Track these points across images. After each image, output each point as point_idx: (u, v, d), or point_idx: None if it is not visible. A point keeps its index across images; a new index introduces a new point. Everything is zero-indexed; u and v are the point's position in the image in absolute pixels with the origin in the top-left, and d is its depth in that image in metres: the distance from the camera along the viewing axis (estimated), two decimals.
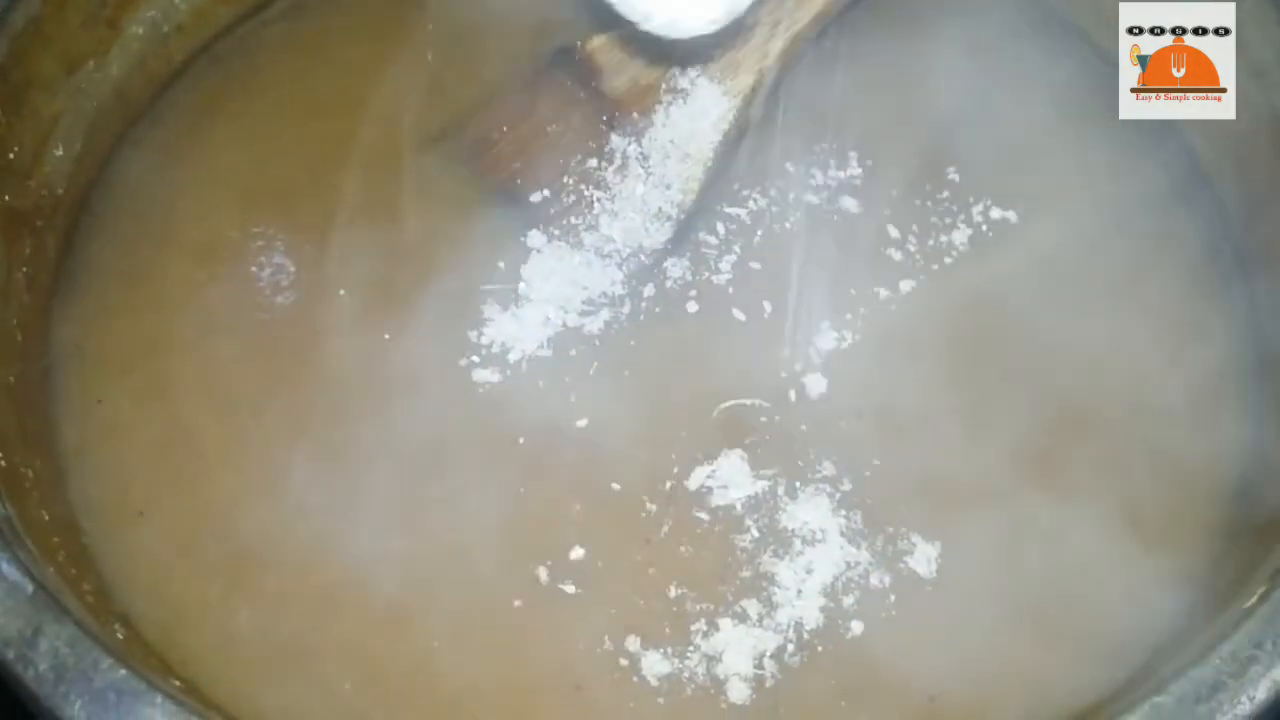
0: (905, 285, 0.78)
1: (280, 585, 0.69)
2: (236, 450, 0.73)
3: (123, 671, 0.54)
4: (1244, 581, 0.62)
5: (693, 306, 0.78)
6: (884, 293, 0.78)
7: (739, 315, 0.77)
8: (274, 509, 0.71)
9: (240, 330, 0.77)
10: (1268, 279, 0.77)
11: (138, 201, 0.82)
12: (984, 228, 0.80)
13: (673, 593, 0.69)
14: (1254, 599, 0.59)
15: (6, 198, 0.75)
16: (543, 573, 0.69)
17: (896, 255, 0.79)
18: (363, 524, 0.71)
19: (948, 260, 0.79)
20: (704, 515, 0.71)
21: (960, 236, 0.80)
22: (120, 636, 0.62)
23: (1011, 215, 0.81)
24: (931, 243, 0.80)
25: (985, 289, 0.78)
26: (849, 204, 0.81)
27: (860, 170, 0.83)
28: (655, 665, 0.67)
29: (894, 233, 0.80)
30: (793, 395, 0.74)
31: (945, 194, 0.82)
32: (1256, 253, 0.78)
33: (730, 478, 0.72)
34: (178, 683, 0.61)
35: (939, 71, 0.84)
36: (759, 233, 0.81)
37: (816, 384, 0.75)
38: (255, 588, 0.69)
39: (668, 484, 0.72)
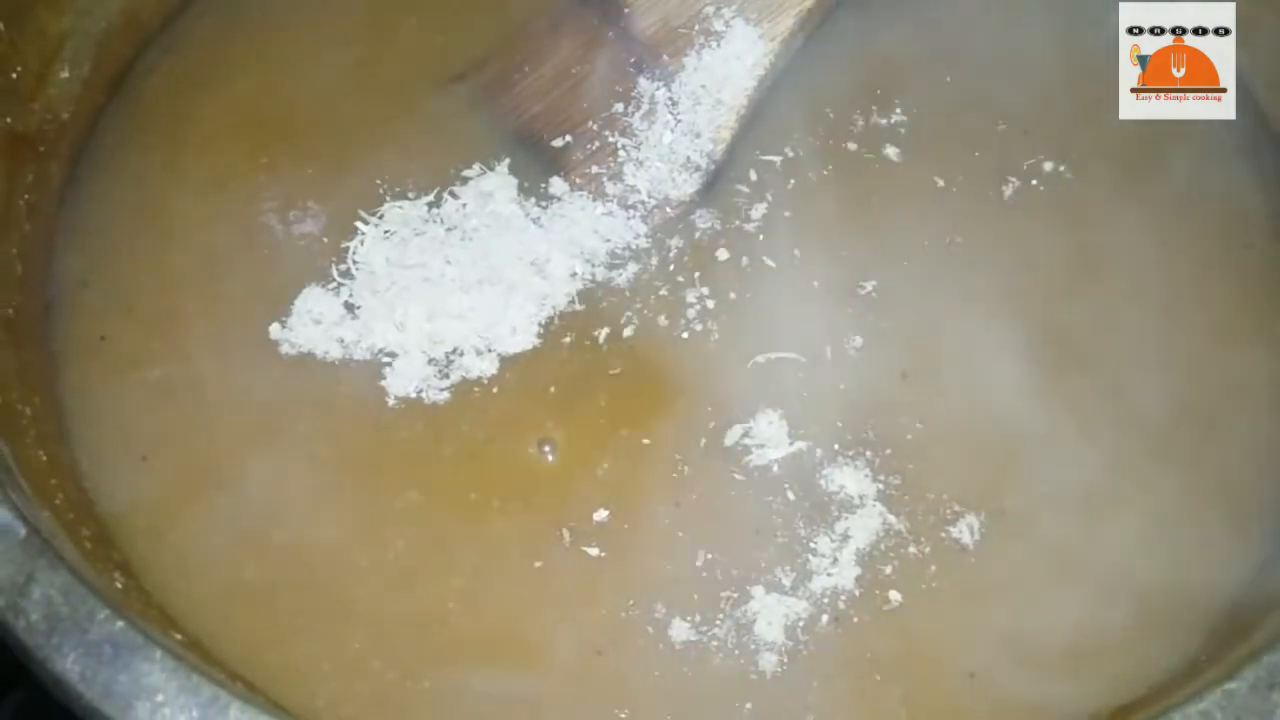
0: (951, 238, 0.75)
1: (289, 538, 0.66)
2: (246, 393, 0.70)
3: (120, 624, 0.51)
4: None
5: (723, 254, 0.75)
6: (928, 245, 0.75)
7: (769, 262, 0.74)
8: (285, 457, 0.68)
9: (250, 266, 0.74)
10: None
11: (147, 130, 0.79)
12: (1034, 181, 0.77)
13: (701, 559, 0.66)
14: None
15: (9, 119, 0.72)
16: (565, 534, 0.66)
17: (942, 206, 0.76)
18: (379, 477, 0.68)
19: (996, 213, 0.76)
20: (739, 476, 0.68)
21: (1009, 189, 0.77)
22: (119, 586, 0.59)
23: (1064, 169, 0.77)
24: (979, 194, 0.76)
25: (1035, 244, 0.75)
26: (891, 152, 0.78)
27: (905, 118, 0.79)
28: (682, 632, 0.64)
29: (939, 182, 0.77)
30: (829, 352, 0.71)
31: (994, 145, 0.78)
32: None
33: (767, 436, 0.69)
34: (179, 636, 0.59)
35: (991, 19, 0.81)
36: (792, 180, 0.77)
37: (855, 340, 0.72)
38: (263, 540, 0.66)
39: (702, 441, 0.69)
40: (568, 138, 0.77)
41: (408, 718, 0.63)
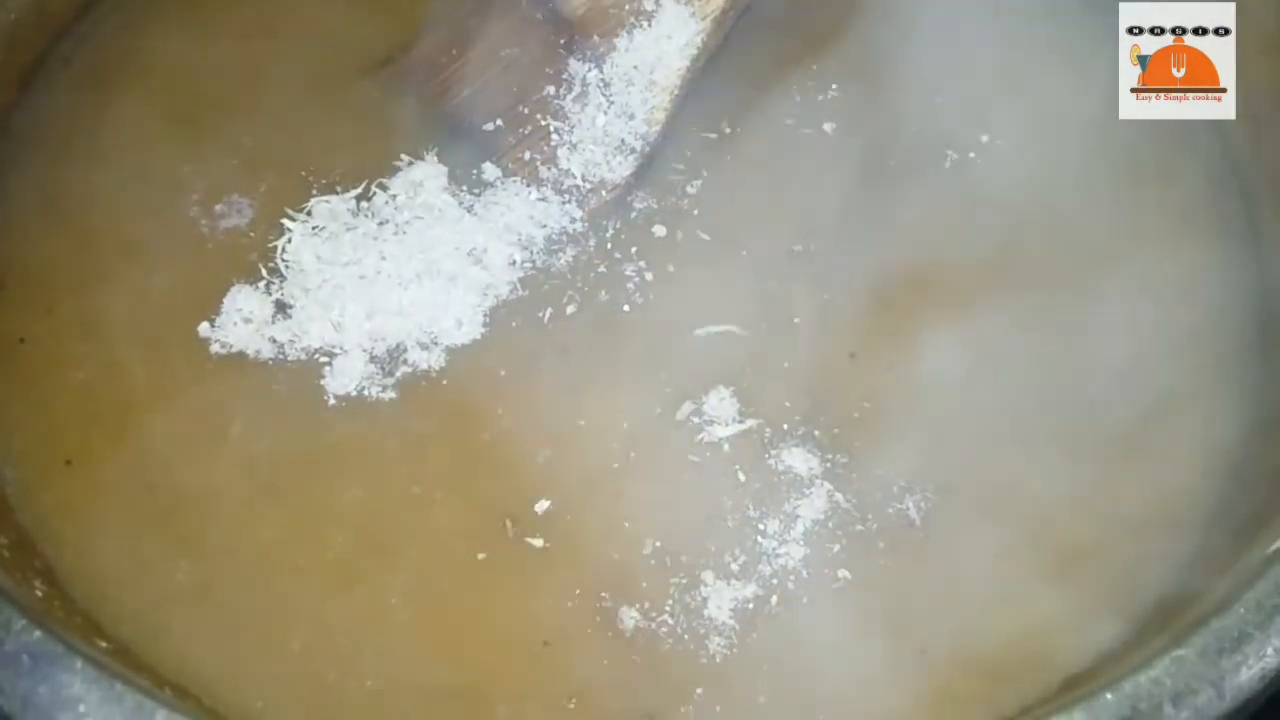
0: (895, 213, 0.74)
1: (222, 539, 0.64)
2: (176, 394, 0.68)
3: (38, 633, 0.50)
4: (1263, 524, 0.59)
5: (659, 230, 0.74)
6: (870, 219, 0.74)
7: (705, 236, 0.74)
8: (218, 458, 0.67)
9: (173, 262, 0.72)
10: (1271, 207, 0.74)
11: (62, 124, 0.77)
12: (971, 154, 0.77)
13: (650, 547, 0.64)
14: (1279, 543, 0.55)
15: None
16: (508, 525, 0.65)
17: (882, 181, 0.75)
18: (318, 475, 0.66)
19: (936, 186, 0.75)
20: (694, 457, 0.67)
21: (948, 162, 0.76)
22: (40, 594, 0.57)
23: (1000, 141, 0.77)
24: (919, 167, 0.76)
25: (978, 218, 0.74)
26: (828, 127, 0.77)
27: (842, 94, 0.78)
28: (630, 620, 0.63)
29: (878, 156, 0.76)
30: (766, 326, 0.71)
31: (931, 119, 0.78)
32: (1261, 183, 0.75)
33: (718, 414, 0.68)
34: (105, 644, 0.57)
35: None
36: (729, 156, 0.77)
37: (796, 314, 0.71)
38: (195, 542, 0.64)
39: (657, 409, 0.68)
40: (498, 121, 0.75)
41: (351, 718, 0.61)
